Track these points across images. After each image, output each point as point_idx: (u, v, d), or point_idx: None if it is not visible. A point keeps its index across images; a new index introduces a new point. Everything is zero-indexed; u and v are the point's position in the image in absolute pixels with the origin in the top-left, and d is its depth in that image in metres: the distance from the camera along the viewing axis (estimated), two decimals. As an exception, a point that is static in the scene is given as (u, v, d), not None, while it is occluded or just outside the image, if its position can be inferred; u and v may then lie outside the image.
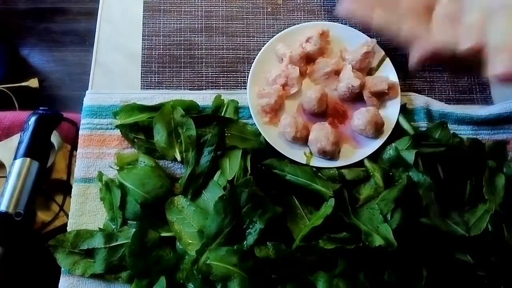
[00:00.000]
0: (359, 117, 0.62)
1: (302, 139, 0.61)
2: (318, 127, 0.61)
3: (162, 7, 0.73)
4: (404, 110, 0.65)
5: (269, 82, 0.65)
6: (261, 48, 0.66)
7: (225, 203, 0.54)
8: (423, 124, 0.66)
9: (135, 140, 0.63)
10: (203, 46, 0.71)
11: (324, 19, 0.73)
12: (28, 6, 1.69)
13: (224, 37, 0.72)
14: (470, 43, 0.48)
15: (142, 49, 0.71)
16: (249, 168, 0.58)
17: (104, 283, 0.59)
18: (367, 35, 0.67)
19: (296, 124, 0.61)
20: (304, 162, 0.61)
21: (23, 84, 1.54)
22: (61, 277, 0.59)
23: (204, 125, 0.62)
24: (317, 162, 0.61)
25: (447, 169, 0.59)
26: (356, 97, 0.64)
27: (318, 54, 0.66)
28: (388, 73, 0.65)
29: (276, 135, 0.63)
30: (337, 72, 0.65)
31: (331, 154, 0.61)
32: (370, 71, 0.67)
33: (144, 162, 0.61)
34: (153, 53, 0.71)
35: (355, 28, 0.68)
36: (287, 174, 0.59)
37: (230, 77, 0.70)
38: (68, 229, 0.61)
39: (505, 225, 0.57)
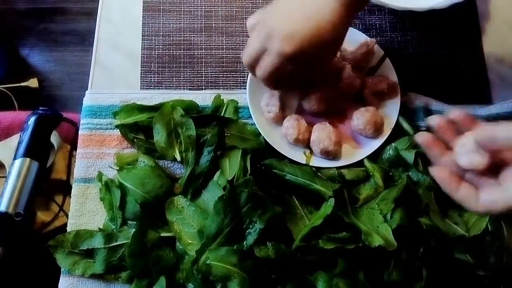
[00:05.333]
0: (359, 117, 0.62)
1: (304, 142, 0.61)
2: (319, 128, 0.61)
3: (161, 7, 0.73)
4: (404, 110, 0.65)
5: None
6: (260, 48, 0.66)
7: (225, 203, 0.54)
8: (422, 124, 0.65)
9: (135, 140, 0.63)
10: (203, 46, 0.71)
11: (323, 19, 0.73)
12: (28, 6, 1.69)
13: (224, 37, 0.72)
14: None
15: (141, 49, 0.71)
16: (249, 168, 0.58)
17: (104, 283, 0.59)
18: (367, 34, 0.67)
19: (299, 126, 0.61)
20: (304, 162, 0.61)
21: (22, 84, 1.54)
22: (61, 277, 0.60)
23: (204, 125, 0.62)
24: (317, 162, 0.61)
25: (447, 169, 0.59)
26: (355, 97, 0.64)
27: (317, 54, 0.66)
28: (388, 73, 0.65)
29: (276, 135, 0.63)
30: (336, 72, 0.65)
31: (333, 154, 0.61)
32: (370, 71, 0.67)
33: (144, 162, 0.61)
34: (153, 53, 0.71)
35: (354, 28, 0.68)
36: (287, 174, 0.59)
37: (230, 77, 0.70)
38: (68, 229, 0.61)
39: (505, 225, 0.57)
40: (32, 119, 0.73)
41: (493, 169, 0.42)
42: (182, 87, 0.69)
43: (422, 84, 0.69)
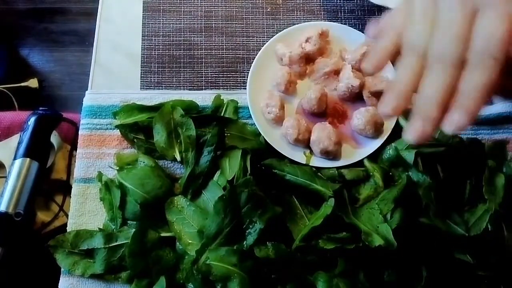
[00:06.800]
0: (359, 117, 0.62)
1: (304, 141, 0.61)
2: (319, 128, 0.61)
3: (161, 7, 0.73)
4: (404, 110, 0.65)
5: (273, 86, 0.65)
6: (260, 48, 0.66)
7: (225, 203, 0.54)
8: (423, 124, 0.65)
9: (135, 140, 0.63)
10: (203, 46, 0.71)
11: (323, 19, 0.73)
12: (28, 6, 1.69)
13: (224, 37, 0.72)
14: None
15: (141, 49, 0.71)
16: (248, 168, 0.58)
17: (104, 283, 0.59)
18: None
19: (299, 126, 0.61)
20: (304, 162, 0.61)
21: (22, 84, 1.54)
22: (61, 277, 0.60)
23: (204, 125, 0.62)
24: (317, 162, 0.61)
25: (447, 169, 0.59)
26: (355, 97, 0.64)
27: (317, 54, 0.66)
28: (387, 73, 0.65)
29: (276, 135, 0.63)
30: (336, 72, 0.65)
31: (333, 154, 0.61)
32: (369, 71, 0.66)
33: (143, 162, 0.61)
34: (153, 53, 0.71)
35: (354, 28, 0.68)
36: (287, 174, 0.59)
37: (230, 77, 0.70)
38: (68, 229, 0.61)
39: (505, 225, 0.57)
40: (32, 119, 0.73)
41: None
42: (182, 87, 0.69)
43: (422, 84, 0.69)
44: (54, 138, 0.78)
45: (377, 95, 0.64)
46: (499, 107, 0.66)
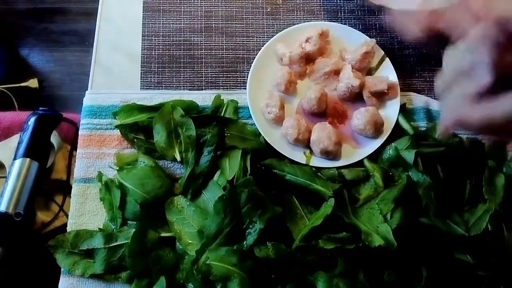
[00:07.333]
0: (359, 117, 0.62)
1: (304, 141, 0.61)
2: (319, 128, 0.61)
3: (161, 7, 0.73)
4: (404, 110, 0.65)
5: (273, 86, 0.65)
6: (260, 48, 0.66)
7: (225, 203, 0.54)
8: (422, 124, 0.66)
9: (135, 140, 0.63)
10: (203, 46, 0.71)
11: (323, 19, 0.73)
12: (28, 6, 1.69)
13: (224, 37, 0.72)
14: None
15: (141, 49, 0.71)
16: (248, 168, 0.58)
17: (104, 283, 0.59)
18: (366, 35, 0.67)
19: (299, 126, 0.61)
20: (304, 162, 0.61)
21: (22, 84, 1.54)
22: (61, 277, 0.60)
23: (204, 125, 0.62)
24: (317, 162, 0.61)
25: (447, 169, 0.59)
26: (355, 97, 0.64)
27: (317, 54, 0.66)
28: (387, 73, 0.65)
29: (276, 135, 0.63)
30: (336, 72, 0.65)
31: (333, 154, 0.61)
32: (369, 71, 0.67)
33: (143, 162, 0.61)
34: (153, 53, 0.71)
35: (354, 28, 0.68)
36: (287, 174, 0.59)
37: (230, 77, 0.70)
38: (68, 229, 0.61)
39: (505, 225, 0.57)
40: (32, 119, 0.73)
41: None
42: (182, 87, 0.69)
43: (422, 84, 0.69)
44: (54, 138, 0.78)
45: (377, 95, 0.64)
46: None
